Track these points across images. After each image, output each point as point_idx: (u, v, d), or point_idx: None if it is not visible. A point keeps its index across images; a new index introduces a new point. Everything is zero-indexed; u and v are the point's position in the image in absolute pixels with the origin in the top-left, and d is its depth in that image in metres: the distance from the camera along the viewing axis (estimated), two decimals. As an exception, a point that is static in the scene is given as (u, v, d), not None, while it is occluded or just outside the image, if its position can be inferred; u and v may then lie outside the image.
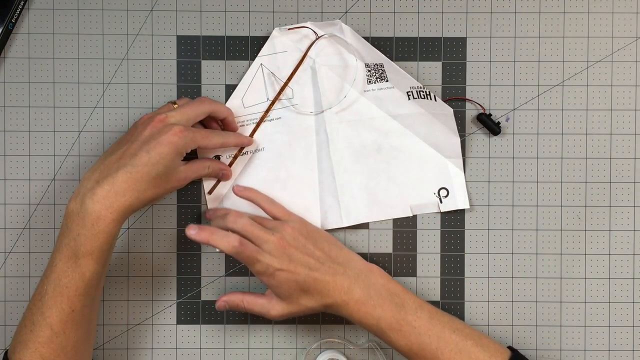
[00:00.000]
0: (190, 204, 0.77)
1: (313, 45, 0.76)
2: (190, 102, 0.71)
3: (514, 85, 0.77)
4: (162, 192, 0.67)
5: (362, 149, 0.76)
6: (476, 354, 0.67)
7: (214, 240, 0.66)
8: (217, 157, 0.76)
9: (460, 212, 0.77)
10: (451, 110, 0.76)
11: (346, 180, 0.76)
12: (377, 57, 0.76)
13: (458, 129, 0.77)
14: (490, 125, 0.76)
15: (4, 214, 0.76)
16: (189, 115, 0.69)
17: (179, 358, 0.77)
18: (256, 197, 0.74)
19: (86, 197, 0.63)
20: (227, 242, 0.66)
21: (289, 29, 0.76)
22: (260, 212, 0.74)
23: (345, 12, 0.77)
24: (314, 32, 0.76)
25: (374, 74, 0.76)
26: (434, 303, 0.77)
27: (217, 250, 0.76)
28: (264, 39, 0.77)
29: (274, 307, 0.69)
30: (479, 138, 0.77)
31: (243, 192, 0.74)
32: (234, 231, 0.67)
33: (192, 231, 0.66)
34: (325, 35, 0.76)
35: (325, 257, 0.69)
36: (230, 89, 0.77)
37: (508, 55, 0.77)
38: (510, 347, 0.70)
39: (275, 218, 0.73)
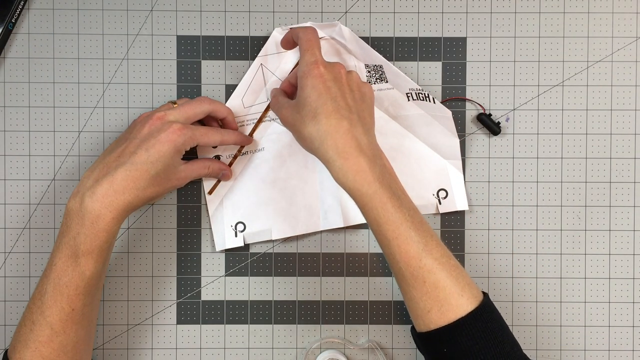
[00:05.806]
0: (190, 204, 0.77)
1: (313, 45, 0.76)
2: (190, 102, 0.71)
3: (514, 85, 0.77)
4: (161, 191, 0.67)
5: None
6: (445, 281, 0.61)
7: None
8: (217, 157, 0.76)
9: (460, 212, 0.77)
10: (450, 112, 0.76)
11: (346, 180, 0.76)
12: (377, 59, 0.76)
13: (458, 129, 0.77)
14: (490, 125, 0.76)
15: (4, 214, 0.76)
16: (188, 114, 0.69)
17: (179, 358, 0.77)
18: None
19: (85, 195, 0.63)
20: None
21: (290, 29, 0.76)
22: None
23: (345, 12, 0.77)
24: (314, 32, 0.76)
25: (374, 75, 0.76)
26: (434, 303, 0.77)
27: (218, 249, 0.76)
28: (264, 39, 0.77)
29: (289, 108, 0.68)
30: (479, 138, 0.77)
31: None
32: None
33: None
34: (326, 37, 0.76)
35: (356, 108, 0.66)
36: (230, 89, 0.77)
37: (508, 55, 0.77)
38: (484, 293, 0.64)
39: None
